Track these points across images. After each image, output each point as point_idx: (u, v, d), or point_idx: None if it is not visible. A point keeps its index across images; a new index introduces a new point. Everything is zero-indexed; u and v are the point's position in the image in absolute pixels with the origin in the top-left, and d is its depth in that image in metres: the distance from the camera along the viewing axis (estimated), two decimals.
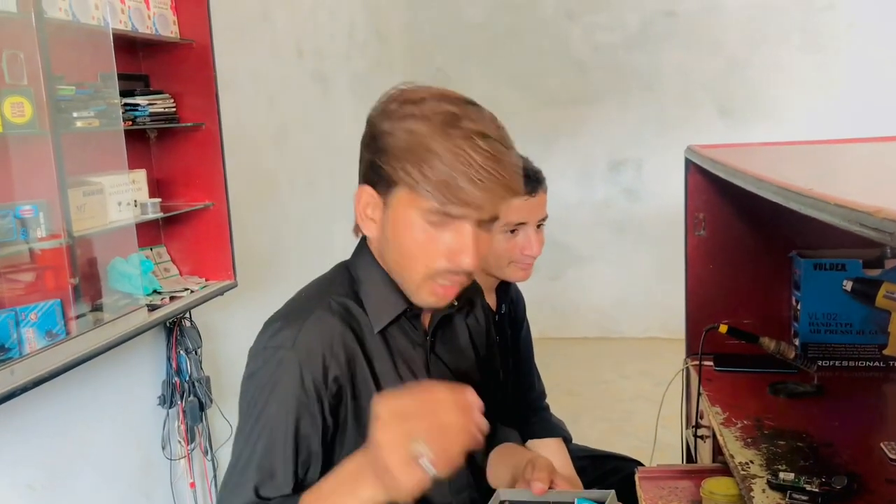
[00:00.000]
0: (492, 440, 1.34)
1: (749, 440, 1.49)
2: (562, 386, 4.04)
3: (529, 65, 4.86)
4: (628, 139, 4.82)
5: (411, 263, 1.03)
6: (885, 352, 1.80)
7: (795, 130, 4.42)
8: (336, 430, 1.05)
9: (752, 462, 1.40)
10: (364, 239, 1.14)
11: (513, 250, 1.63)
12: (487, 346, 1.33)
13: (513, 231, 1.62)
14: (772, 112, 4.54)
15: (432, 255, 1.01)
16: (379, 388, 1.07)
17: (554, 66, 4.84)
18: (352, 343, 1.06)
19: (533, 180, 1.63)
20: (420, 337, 1.15)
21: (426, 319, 1.16)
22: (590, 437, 3.46)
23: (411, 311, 1.11)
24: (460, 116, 0.98)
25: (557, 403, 2.02)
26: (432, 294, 1.05)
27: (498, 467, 1.26)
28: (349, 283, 1.12)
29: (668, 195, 4.72)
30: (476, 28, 4.88)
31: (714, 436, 1.60)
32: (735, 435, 1.52)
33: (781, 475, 1.32)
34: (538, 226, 1.66)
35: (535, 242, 1.63)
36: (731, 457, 1.43)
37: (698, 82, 4.66)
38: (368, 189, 1.07)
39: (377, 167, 1.03)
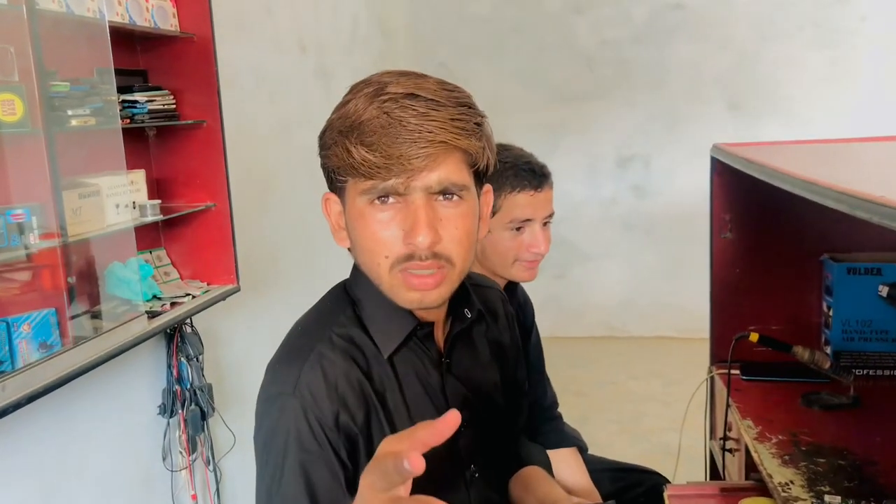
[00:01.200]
0: (516, 458, 1.25)
1: (786, 457, 1.41)
2: (569, 387, 3.96)
3: (535, 60, 4.76)
4: (636, 135, 4.73)
5: (373, 259, 0.92)
6: None
7: (807, 127, 4.34)
8: (356, 476, 0.92)
9: (792, 482, 1.32)
10: None
11: (519, 248, 1.57)
12: (515, 357, 1.23)
13: (518, 229, 1.56)
14: (783, 108, 4.45)
15: (387, 242, 0.90)
16: (393, 426, 0.95)
17: (560, 61, 4.74)
18: (358, 382, 0.93)
19: (539, 175, 1.57)
20: (435, 358, 1.02)
21: (440, 337, 1.03)
22: (599, 439, 3.38)
23: (422, 330, 0.99)
24: (388, 83, 0.88)
25: (565, 405, 1.93)
26: (410, 288, 0.92)
27: (524, 497, 1.17)
28: (351, 308, 1.00)
29: (676, 192, 4.66)
30: (480, 22, 4.78)
31: (747, 450, 1.51)
32: (771, 451, 1.44)
33: (827, 497, 1.24)
34: (544, 223, 1.59)
35: (542, 240, 1.57)
36: (770, 476, 1.35)
37: (707, 77, 4.57)
38: (332, 196, 0.98)
39: (325, 166, 0.95)
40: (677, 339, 4.71)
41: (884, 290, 1.70)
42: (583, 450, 1.88)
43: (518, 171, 1.55)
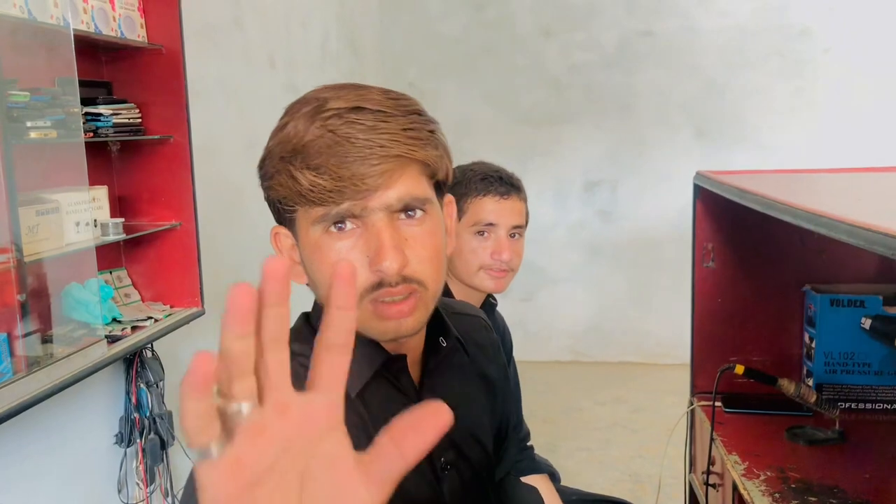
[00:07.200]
0: (509, 499, 1.18)
1: (777, 495, 1.37)
2: (536, 413, 3.91)
3: (505, 82, 4.75)
4: (604, 159, 4.74)
5: None
6: None
7: (771, 155, 4.39)
8: None
9: None
10: None
11: (483, 254, 1.54)
12: (503, 389, 1.15)
13: (483, 233, 1.54)
14: (748, 135, 4.50)
15: None
16: None
17: (530, 84, 4.74)
18: None
19: (506, 183, 1.57)
20: (413, 395, 0.92)
21: (417, 373, 0.94)
22: (568, 467, 3.33)
23: (395, 365, 0.90)
24: (327, 99, 0.80)
25: (533, 432, 1.86)
26: (384, 318, 0.82)
27: None
28: (313, 339, 0.90)
29: (643, 217, 4.66)
30: (451, 43, 4.76)
31: (735, 487, 1.47)
32: (760, 488, 1.40)
33: None
34: (512, 234, 1.57)
35: (506, 247, 1.54)
36: None
37: (675, 103, 4.60)
38: (282, 230, 0.88)
39: (269, 199, 0.85)
40: (642, 364, 4.70)
41: (867, 323, 1.69)
42: (555, 478, 1.84)
43: (486, 177, 1.57)
